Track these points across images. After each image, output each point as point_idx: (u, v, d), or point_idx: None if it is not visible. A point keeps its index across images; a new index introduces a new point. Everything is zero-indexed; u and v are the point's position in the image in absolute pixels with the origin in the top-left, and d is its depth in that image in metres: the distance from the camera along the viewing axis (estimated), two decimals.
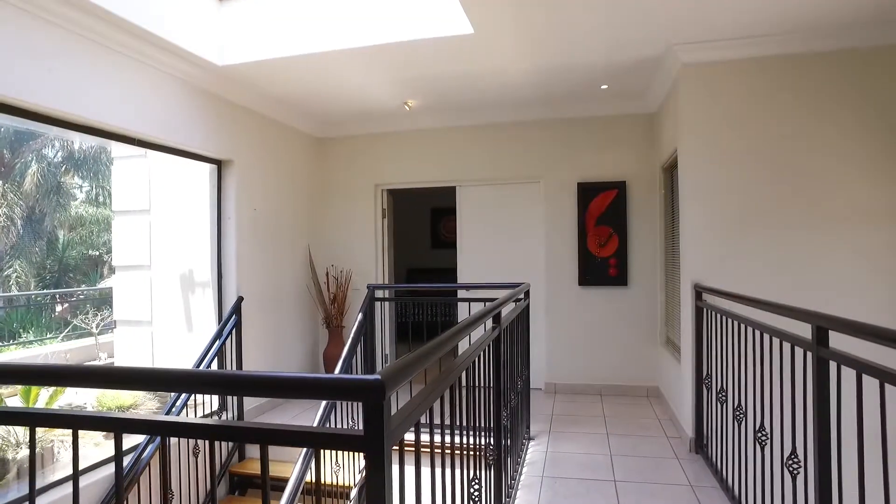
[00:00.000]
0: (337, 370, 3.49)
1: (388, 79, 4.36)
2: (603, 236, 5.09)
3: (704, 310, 3.48)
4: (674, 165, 4.49)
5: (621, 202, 5.05)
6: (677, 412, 4.09)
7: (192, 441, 3.86)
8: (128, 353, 5.12)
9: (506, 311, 2.88)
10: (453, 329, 1.61)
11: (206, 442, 1.43)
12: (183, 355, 4.47)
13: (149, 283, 5.03)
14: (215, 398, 4.40)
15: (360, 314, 3.97)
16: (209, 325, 4.58)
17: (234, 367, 4.42)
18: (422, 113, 5.31)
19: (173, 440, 3.77)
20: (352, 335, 3.78)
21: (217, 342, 4.18)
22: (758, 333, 2.39)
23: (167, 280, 4.94)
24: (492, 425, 2.37)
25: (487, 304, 3.41)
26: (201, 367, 3.98)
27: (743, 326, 2.62)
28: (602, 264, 5.09)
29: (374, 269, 5.68)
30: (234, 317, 4.40)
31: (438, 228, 8.86)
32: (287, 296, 5.28)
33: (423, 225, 8.89)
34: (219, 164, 4.51)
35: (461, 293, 5.13)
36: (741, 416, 2.62)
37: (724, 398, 2.96)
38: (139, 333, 5.06)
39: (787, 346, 2.08)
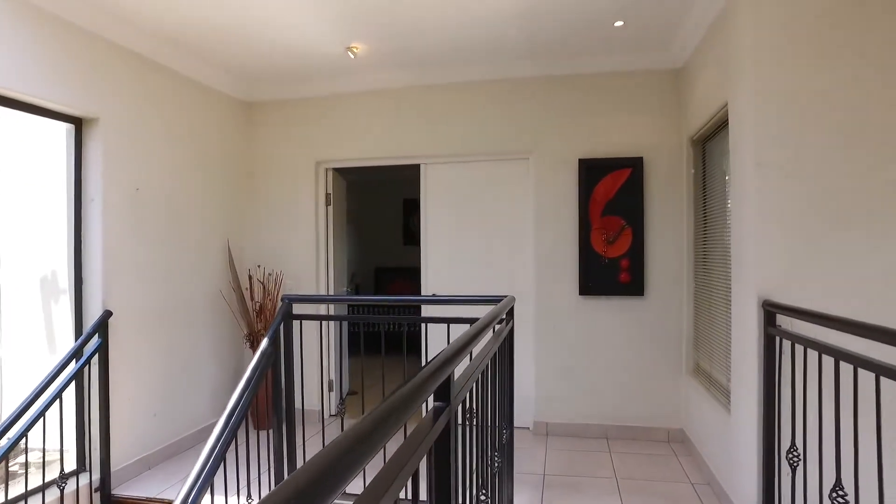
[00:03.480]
0: (208, 448, 2.15)
1: (325, 8, 3.07)
2: (612, 230, 3.86)
3: (781, 341, 2.27)
4: (711, 134, 3.28)
5: (636, 185, 3.82)
6: (721, 479, 2.88)
7: None
8: None
9: (477, 347, 1.65)
10: None
11: None
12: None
13: None
14: (70, 451, 3.10)
15: (266, 340, 2.68)
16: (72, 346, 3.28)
17: (98, 407, 3.13)
18: (374, 67, 4.03)
19: None
20: (245, 377, 2.48)
21: (64, 375, 2.89)
22: None
23: (22, 284, 3.61)
24: None
25: (451, 325, 2.18)
26: (30, 410, 2.68)
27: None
28: (610, 267, 3.87)
29: (314, 270, 4.38)
30: (95, 337, 3.11)
31: (410, 223, 7.66)
32: (195, 306, 3.96)
33: (394, 219, 7.75)
34: (78, 122, 3.19)
35: (424, 309, 3.87)
36: None
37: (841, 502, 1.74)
38: None
39: None
